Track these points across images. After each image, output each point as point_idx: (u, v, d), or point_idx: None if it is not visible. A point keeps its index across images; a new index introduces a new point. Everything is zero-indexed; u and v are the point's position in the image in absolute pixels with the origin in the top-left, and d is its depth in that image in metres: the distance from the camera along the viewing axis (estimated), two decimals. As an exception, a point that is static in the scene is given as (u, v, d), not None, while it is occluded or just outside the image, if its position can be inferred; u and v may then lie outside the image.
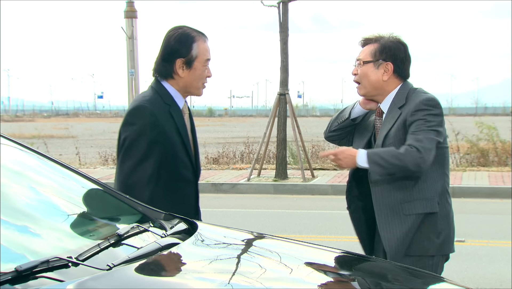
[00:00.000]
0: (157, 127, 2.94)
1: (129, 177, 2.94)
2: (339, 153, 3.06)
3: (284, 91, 11.79)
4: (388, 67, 3.16)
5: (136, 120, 2.97)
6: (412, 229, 3.12)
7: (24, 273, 1.75)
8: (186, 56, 3.02)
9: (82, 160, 15.77)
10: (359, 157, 3.03)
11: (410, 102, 3.13)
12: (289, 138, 12.22)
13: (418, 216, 3.13)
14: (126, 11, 11.87)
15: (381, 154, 3.03)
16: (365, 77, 3.18)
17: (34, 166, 2.55)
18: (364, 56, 3.19)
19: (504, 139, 14.41)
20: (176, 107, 3.05)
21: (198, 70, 3.05)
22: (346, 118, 3.31)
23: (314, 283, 2.18)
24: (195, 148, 3.17)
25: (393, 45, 3.18)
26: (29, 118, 63.11)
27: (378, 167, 3.02)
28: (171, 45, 3.04)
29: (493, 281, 5.74)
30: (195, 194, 3.16)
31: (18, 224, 2.06)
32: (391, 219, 3.14)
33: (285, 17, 11.70)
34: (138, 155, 2.93)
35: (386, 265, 2.66)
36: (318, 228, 8.17)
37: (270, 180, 11.71)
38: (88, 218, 2.40)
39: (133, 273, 1.95)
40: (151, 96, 3.04)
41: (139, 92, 12.07)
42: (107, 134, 33.23)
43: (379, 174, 3.05)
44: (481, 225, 8.27)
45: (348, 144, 3.41)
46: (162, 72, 3.07)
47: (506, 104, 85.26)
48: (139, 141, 2.93)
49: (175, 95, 3.07)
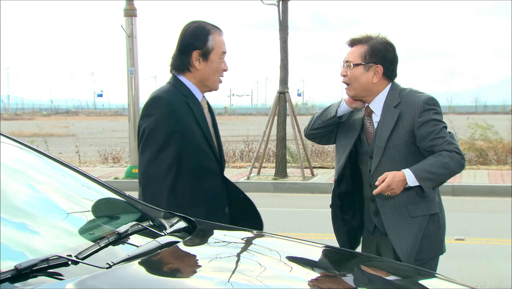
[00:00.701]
0: (174, 117, 2.96)
1: (149, 167, 2.96)
2: (390, 184, 3.04)
3: (283, 90, 11.79)
4: (378, 69, 3.17)
5: (153, 111, 2.99)
6: (420, 231, 3.15)
7: (24, 271, 1.75)
8: (202, 48, 3.05)
9: (82, 158, 15.77)
10: (408, 178, 3.05)
11: (407, 102, 3.14)
12: (289, 136, 12.22)
13: (424, 218, 3.17)
14: (126, 9, 11.86)
15: (428, 168, 3.05)
16: (355, 80, 3.18)
17: (33, 164, 2.55)
18: (354, 59, 3.18)
19: (501, 138, 14.41)
20: (194, 99, 3.07)
21: (215, 62, 3.07)
22: (332, 116, 3.28)
23: (314, 281, 2.18)
24: (218, 140, 3.17)
25: (383, 47, 3.18)
26: (29, 116, 63.06)
27: (429, 182, 3.06)
28: (187, 38, 3.07)
29: (492, 280, 5.74)
30: (223, 185, 3.14)
31: (18, 222, 2.06)
32: (399, 222, 3.16)
33: (284, 16, 11.70)
34: (156, 144, 2.95)
35: (386, 264, 2.66)
36: (318, 226, 8.17)
37: (269, 178, 11.71)
38: (88, 217, 2.39)
39: (132, 271, 1.95)
40: (168, 88, 3.07)
41: (139, 90, 12.08)
42: (106, 132, 33.23)
43: (432, 187, 3.09)
44: (480, 223, 8.27)
45: (328, 142, 3.42)
46: (179, 66, 3.09)
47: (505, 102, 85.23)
48: (157, 131, 2.95)
49: (192, 89, 3.08)
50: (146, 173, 2.97)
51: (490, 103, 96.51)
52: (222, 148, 3.22)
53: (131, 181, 11.62)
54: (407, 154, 3.14)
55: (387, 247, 3.23)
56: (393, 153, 3.13)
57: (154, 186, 2.94)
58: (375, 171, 3.15)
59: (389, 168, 3.11)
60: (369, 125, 3.24)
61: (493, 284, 5.60)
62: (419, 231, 3.15)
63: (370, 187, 3.22)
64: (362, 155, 3.27)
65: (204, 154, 3.04)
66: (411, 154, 3.14)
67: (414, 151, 3.14)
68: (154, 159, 2.95)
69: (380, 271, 2.47)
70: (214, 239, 2.55)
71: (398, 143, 3.13)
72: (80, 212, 2.39)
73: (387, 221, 3.17)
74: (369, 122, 3.24)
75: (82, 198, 2.53)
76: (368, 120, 3.24)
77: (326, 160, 14.67)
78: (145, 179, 2.96)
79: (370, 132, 3.24)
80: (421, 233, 3.16)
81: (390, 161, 3.13)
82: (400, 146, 3.13)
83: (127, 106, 12.34)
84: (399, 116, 3.13)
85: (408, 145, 3.13)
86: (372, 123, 3.23)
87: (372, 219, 3.27)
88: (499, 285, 5.59)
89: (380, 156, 3.14)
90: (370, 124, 3.23)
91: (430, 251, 3.21)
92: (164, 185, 2.93)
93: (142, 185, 2.99)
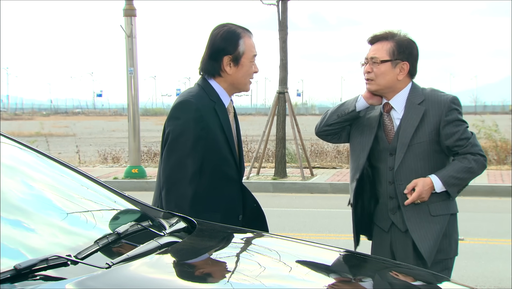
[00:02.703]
0: (201, 123, 2.94)
1: (174, 172, 2.94)
2: (420, 193, 3.09)
3: (283, 90, 11.79)
4: (405, 66, 3.16)
5: (181, 114, 2.97)
6: (441, 231, 3.16)
7: (23, 271, 1.75)
8: (233, 53, 3.02)
9: (82, 158, 15.77)
10: (436, 184, 3.10)
11: (432, 100, 3.15)
12: (288, 136, 12.22)
13: (445, 217, 3.18)
14: (125, 9, 11.85)
15: (453, 173, 3.11)
16: (381, 76, 3.15)
17: (32, 164, 2.55)
18: (381, 55, 3.15)
19: (504, 137, 14.41)
20: (221, 104, 3.04)
21: (245, 66, 3.05)
22: (351, 110, 3.25)
23: (313, 281, 2.18)
24: (239, 147, 3.15)
25: (409, 44, 3.18)
26: (28, 116, 63.05)
27: (456, 187, 3.13)
28: (218, 43, 3.03)
29: (492, 279, 5.74)
30: (240, 192, 3.12)
31: (17, 222, 2.06)
32: (420, 220, 3.16)
33: (284, 16, 11.70)
34: (182, 150, 2.93)
35: (386, 264, 2.66)
36: (317, 226, 8.18)
37: (269, 178, 11.71)
38: (88, 216, 2.39)
39: (132, 271, 1.95)
40: (197, 92, 3.03)
41: (138, 90, 12.08)
42: (106, 132, 33.23)
43: (458, 191, 3.17)
44: (480, 223, 8.27)
45: (338, 140, 3.40)
46: (210, 71, 3.06)
47: (505, 102, 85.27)
48: (184, 136, 2.93)
49: (221, 94, 3.06)
50: (171, 178, 2.94)
51: (490, 103, 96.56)
52: (243, 155, 3.20)
53: (130, 181, 11.62)
54: (431, 152, 3.15)
55: (405, 245, 3.22)
56: (417, 150, 3.13)
57: (178, 192, 2.92)
58: (399, 167, 3.14)
59: (413, 165, 3.12)
60: (388, 122, 3.22)
61: (493, 284, 5.61)
62: (440, 230, 3.16)
63: (389, 184, 3.20)
64: (379, 152, 3.24)
65: (226, 161, 3.02)
66: (435, 152, 3.15)
67: (437, 150, 3.15)
68: (180, 164, 2.93)
69: (380, 271, 2.47)
70: (214, 239, 2.55)
71: (423, 141, 3.13)
72: (80, 212, 2.38)
73: (409, 218, 3.16)
74: (388, 119, 3.22)
75: (81, 198, 2.53)
76: (387, 117, 3.22)
77: (325, 160, 14.67)
78: (169, 184, 2.94)
79: (389, 129, 3.21)
80: (442, 232, 3.16)
81: (414, 158, 3.13)
82: (425, 143, 3.13)
83: (127, 106, 12.33)
84: (424, 113, 3.13)
85: (432, 143, 3.14)
86: (392, 120, 3.21)
87: (390, 216, 3.24)
88: (498, 285, 5.60)
89: (404, 152, 3.13)
90: (390, 121, 3.21)
91: (449, 251, 3.22)
92: (188, 191, 2.90)
93: (165, 189, 2.96)
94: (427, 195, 3.09)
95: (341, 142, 3.43)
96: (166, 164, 2.98)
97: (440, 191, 3.10)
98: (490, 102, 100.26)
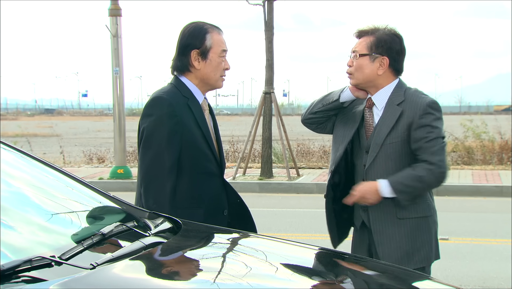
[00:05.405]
0: (175, 118, 2.96)
1: (151, 168, 2.96)
2: (363, 193, 3.07)
3: (269, 90, 11.79)
4: (384, 61, 3.14)
5: (153, 111, 2.99)
6: (409, 235, 3.10)
7: (7, 272, 1.74)
8: (200, 48, 3.05)
9: (67, 159, 15.68)
10: (383, 189, 3.05)
11: (411, 101, 3.11)
12: (275, 137, 12.23)
13: (412, 221, 3.12)
14: (111, 9, 11.81)
15: (403, 180, 3.05)
16: (359, 70, 3.15)
17: (16, 164, 2.53)
18: (360, 49, 3.16)
19: (492, 137, 14.50)
20: (194, 100, 3.06)
21: (214, 61, 3.07)
22: (334, 100, 3.24)
23: (299, 281, 2.18)
24: (218, 143, 3.17)
25: (389, 38, 3.16)
26: (13, 116, 62.59)
27: (404, 194, 3.05)
28: (185, 39, 3.07)
29: (476, 279, 5.77)
30: (223, 187, 3.13)
31: (1, 223, 2.04)
32: (385, 221, 3.13)
33: (270, 16, 11.70)
34: (158, 146, 2.95)
35: (371, 264, 2.67)
36: (303, 227, 8.19)
37: (255, 179, 11.71)
38: (72, 217, 2.38)
39: (117, 272, 1.94)
40: (169, 89, 3.07)
41: (124, 90, 12.03)
42: (91, 133, 33.08)
43: (407, 200, 3.08)
44: (464, 223, 8.32)
45: (323, 130, 3.38)
46: (179, 67, 3.09)
47: (489, 103, 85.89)
48: (158, 131, 2.95)
49: (193, 90, 3.08)
50: (148, 174, 2.96)
51: (474, 103, 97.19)
52: (223, 151, 3.21)
53: (116, 181, 11.57)
54: (403, 153, 3.11)
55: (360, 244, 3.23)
56: (389, 150, 3.11)
57: (156, 187, 2.94)
58: (370, 166, 3.14)
59: (384, 164, 3.11)
60: (368, 117, 3.21)
61: (477, 284, 5.64)
62: (406, 234, 3.10)
63: (362, 181, 3.19)
64: (358, 149, 3.24)
65: (204, 156, 3.04)
66: (406, 153, 3.11)
67: (409, 152, 3.11)
68: (156, 160, 2.95)
69: (364, 270, 2.48)
70: (199, 239, 2.54)
71: (396, 141, 3.10)
72: (64, 213, 2.37)
73: (374, 219, 3.15)
74: (369, 114, 3.22)
75: (66, 198, 2.51)
76: (368, 112, 3.22)
77: (311, 160, 14.69)
78: (147, 180, 2.96)
79: (369, 124, 3.21)
80: (410, 236, 3.10)
81: (386, 158, 3.12)
82: (397, 144, 3.10)
83: (112, 106, 12.28)
84: (401, 114, 3.11)
85: (404, 144, 3.10)
86: (372, 116, 3.20)
87: (361, 214, 3.23)
88: (483, 284, 5.63)
89: (376, 152, 3.12)
90: (370, 116, 3.21)
91: (419, 259, 3.12)
92: (166, 186, 2.93)
93: (143, 186, 2.97)
94: (373, 198, 3.06)
95: (326, 132, 3.39)
96: (142, 161, 3.00)
97: (389, 196, 3.04)
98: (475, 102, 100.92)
